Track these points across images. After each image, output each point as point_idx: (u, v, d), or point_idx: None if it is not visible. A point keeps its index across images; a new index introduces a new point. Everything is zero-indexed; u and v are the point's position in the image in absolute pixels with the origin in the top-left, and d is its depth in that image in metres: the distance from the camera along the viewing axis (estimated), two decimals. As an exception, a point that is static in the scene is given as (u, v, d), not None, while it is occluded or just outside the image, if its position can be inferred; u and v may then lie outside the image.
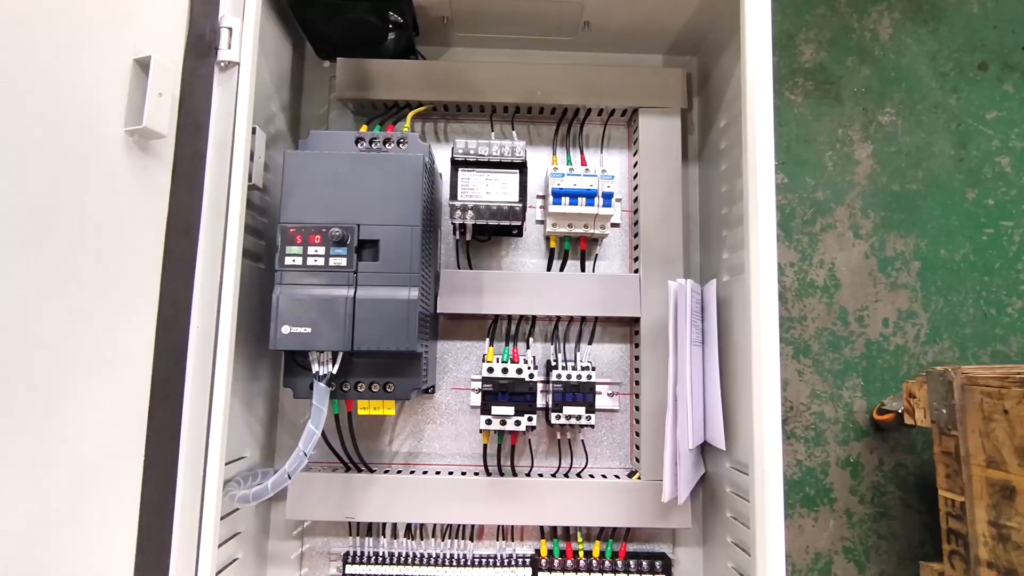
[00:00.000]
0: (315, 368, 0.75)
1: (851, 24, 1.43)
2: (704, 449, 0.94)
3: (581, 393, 0.88)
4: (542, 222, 0.98)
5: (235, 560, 0.81)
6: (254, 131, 0.79)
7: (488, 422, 0.84)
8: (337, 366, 0.76)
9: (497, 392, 0.85)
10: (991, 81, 1.41)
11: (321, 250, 0.75)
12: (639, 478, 0.90)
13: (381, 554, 0.90)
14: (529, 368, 0.86)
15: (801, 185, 1.39)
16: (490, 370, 0.85)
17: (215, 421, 0.70)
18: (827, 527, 1.30)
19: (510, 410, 0.84)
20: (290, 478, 0.74)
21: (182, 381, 0.68)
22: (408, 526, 0.92)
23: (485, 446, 0.91)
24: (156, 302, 0.66)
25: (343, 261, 0.75)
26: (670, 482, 0.82)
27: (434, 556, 0.91)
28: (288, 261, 0.75)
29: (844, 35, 1.43)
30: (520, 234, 0.96)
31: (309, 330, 0.73)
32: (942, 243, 1.36)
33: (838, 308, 1.36)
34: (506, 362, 0.86)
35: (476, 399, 0.94)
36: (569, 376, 0.88)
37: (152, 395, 0.66)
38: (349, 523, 0.92)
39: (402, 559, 0.90)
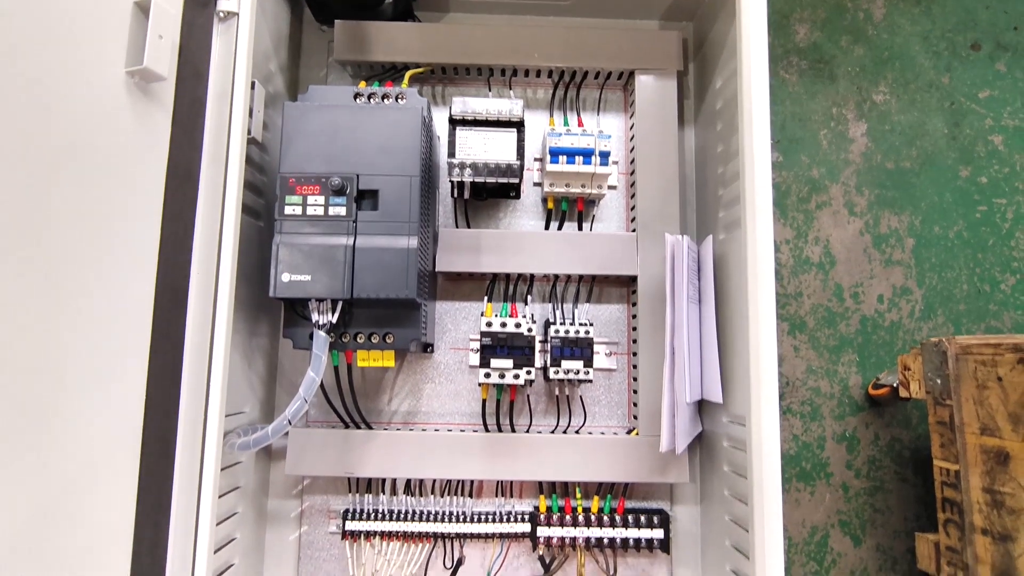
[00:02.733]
0: (315, 317, 0.76)
1: (845, 4, 1.44)
2: (701, 409, 0.94)
3: (579, 348, 0.88)
4: (539, 184, 0.99)
5: (235, 514, 0.82)
6: (253, 85, 0.80)
7: (487, 375, 0.85)
8: (336, 315, 0.76)
9: (496, 346, 0.85)
10: (983, 60, 1.43)
11: (321, 200, 0.76)
12: (637, 435, 0.91)
13: (381, 511, 0.91)
14: (527, 323, 0.86)
15: (796, 163, 1.40)
16: (488, 324, 0.86)
17: (216, 364, 0.71)
18: (823, 501, 1.31)
19: (509, 363, 0.85)
20: (290, 423, 0.74)
21: (183, 324, 0.69)
22: (408, 483, 0.93)
23: (484, 401, 0.92)
24: (157, 246, 0.67)
25: (342, 211, 0.76)
26: (668, 432, 0.82)
27: (434, 513, 0.91)
28: (288, 211, 0.76)
29: (838, 15, 1.44)
30: (518, 196, 0.96)
31: (309, 278, 0.74)
32: (936, 220, 1.37)
33: (833, 285, 1.37)
34: (504, 317, 0.87)
35: (474, 359, 0.94)
36: (567, 331, 0.89)
37: (153, 336, 0.66)
38: (348, 481, 0.93)
39: (402, 516, 0.90)
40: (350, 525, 0.90)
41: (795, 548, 1.29)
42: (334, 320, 0.76)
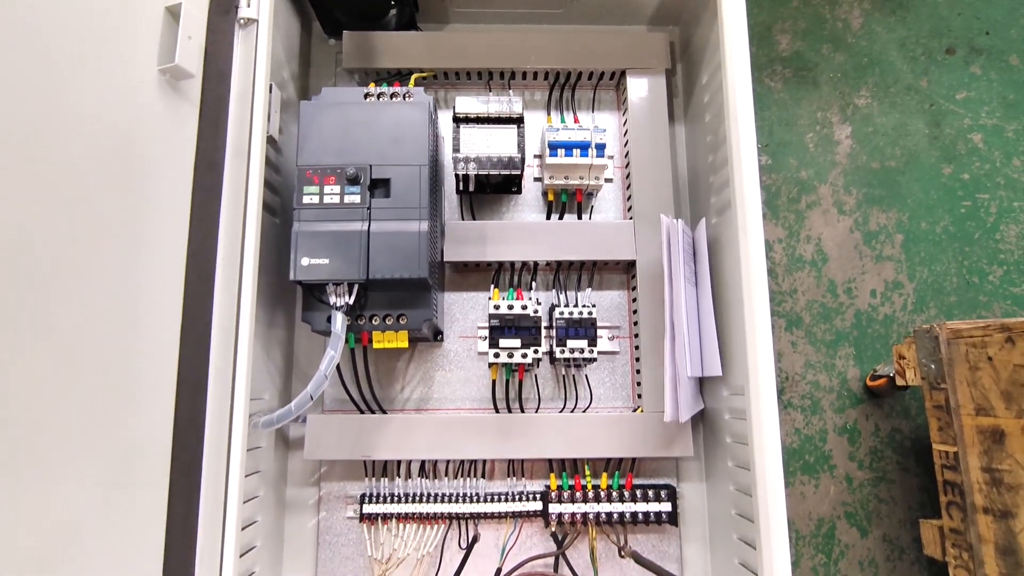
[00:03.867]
0: (332, 300, 0.80)
1: (824, 15, 1.52)
2: (703, 387, 0.98)
3: (583, 328, 0.92)
4: (540, 179, 1.04)
5: (256, 496, 0.85)
6: (271, 88, 0.85)
7: (496, 355, 0.89)
8: (353, 298, 0.80)
9: (504, 327, 0.89)
10: (959, 64, 1.49)
11: (336, 189, 0.81)
12: (641, 412, 0.94)
13: (397, 494, 0.94)
14: (533, 304, 0.90)
15: (785, 166, 1.45)
16: (496, 307, 0.90)
17: (241, 344, 0.75)
18: (828, 493, 1.33)
19: (516, 343, 0.89)
20: (312, 398, 0.78)
21: (210, 307, 0.73)
22: (422, 465, 0.96)
23: (494, 381, 0.95)
24: (187, 232, 0.71)
25: (357, 199, 0.81)
26: (671, 403, 0.86)
27: (448, 495, 0.94)
28: (306, 200, 0.81)
29: (818, 25, 1.51)
30: (519, 191, 1.01)
31: (327, 261, 0.79)
32: (923, 216, 1.42)
33: (827, 281, 1.41)
34: (511, 300, 0.91)
35: (483, 346, 0.98)
36: (571, 312, 0.93)
37: (184, 320, 0.70)
38: (364, 466, 0.96)
39: (417, 498, 0.93)
40: (367, 508, 0.92)
41: (803, 541, 1.31)
42: (351, 302, 0.80)
